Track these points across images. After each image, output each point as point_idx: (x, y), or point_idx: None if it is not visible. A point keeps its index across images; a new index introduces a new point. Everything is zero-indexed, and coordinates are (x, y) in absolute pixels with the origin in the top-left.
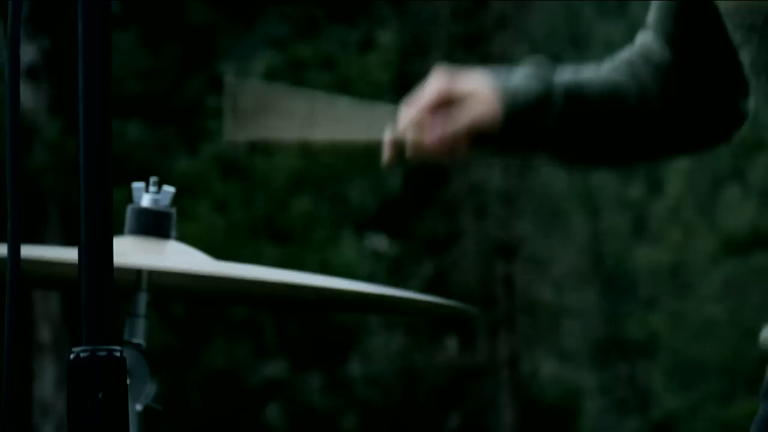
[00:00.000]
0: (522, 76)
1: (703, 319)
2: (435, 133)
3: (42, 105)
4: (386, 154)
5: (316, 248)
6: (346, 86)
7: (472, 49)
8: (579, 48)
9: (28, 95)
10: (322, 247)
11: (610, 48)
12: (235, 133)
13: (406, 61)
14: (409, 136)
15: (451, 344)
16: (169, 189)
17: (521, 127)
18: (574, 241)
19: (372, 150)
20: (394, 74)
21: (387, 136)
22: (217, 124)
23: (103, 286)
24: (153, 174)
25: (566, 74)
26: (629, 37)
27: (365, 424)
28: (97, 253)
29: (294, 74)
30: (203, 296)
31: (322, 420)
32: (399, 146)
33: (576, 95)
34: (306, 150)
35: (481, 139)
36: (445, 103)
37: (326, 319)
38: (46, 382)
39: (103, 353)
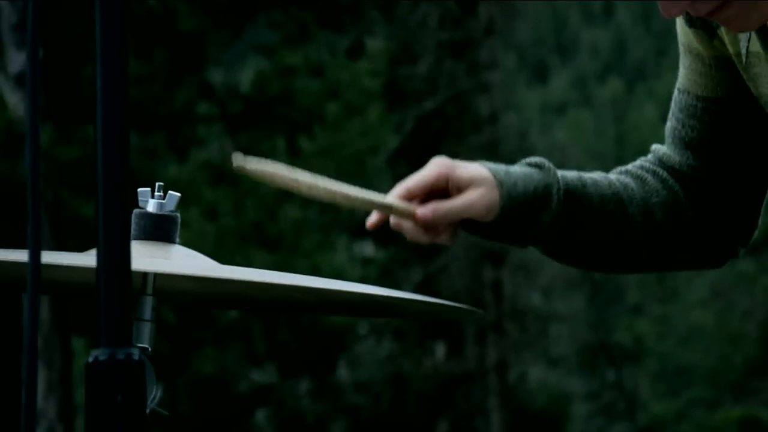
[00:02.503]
0: (524, 169)
1: (689, 325)
2: (427, 208)
3: None
4: (373, 216)
5: (306, 254)
6: (335, 93)
7: (460, 55)
8: (565, 54)
9: (18, 102)
10: (311, 253)
11: (596, 54)
12: (245, 162)
13: (395, 68)
14: (401, 205)
15: (440, 350)
16: (174, 194)
17: (518, 218)
18: None
19: (361, 155)
20: (383, 81)
21: (378, 200)
22: (207, 130)
23: (121, 289)
24: (142, 180)
25: (570, 173)
26: (615, 44)
27: (354, 429)
28: (116, 256)
29: (283, 81)
30: (209, 300)
31: (311, 426)
32: (387, 212)
33: (577, 194)
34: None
35: (473, 224)
36: (442, 187)
37: (315, 325)
38: (37, 388)
39: (122, 356)
